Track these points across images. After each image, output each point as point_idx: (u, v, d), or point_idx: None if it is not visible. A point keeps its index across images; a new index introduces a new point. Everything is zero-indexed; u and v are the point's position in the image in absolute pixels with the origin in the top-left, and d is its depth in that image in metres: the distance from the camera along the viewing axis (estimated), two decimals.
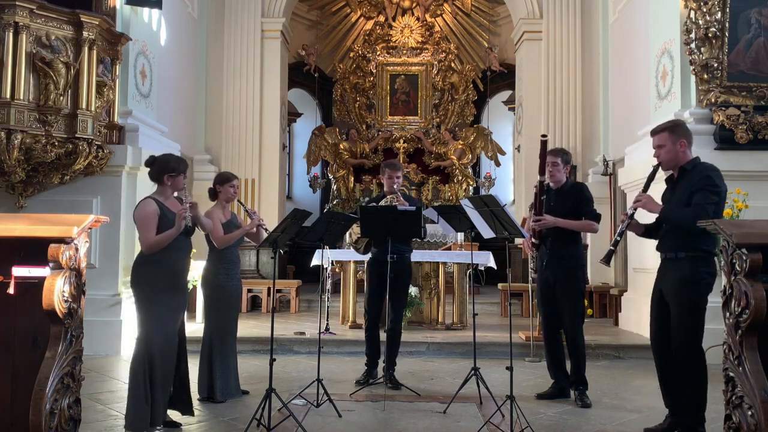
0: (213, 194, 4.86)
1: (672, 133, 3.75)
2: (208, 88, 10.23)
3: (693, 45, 6.46)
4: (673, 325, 3.64)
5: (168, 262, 3.84)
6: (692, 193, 3.59)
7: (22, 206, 6.23)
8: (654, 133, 3.85)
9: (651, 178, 3.82)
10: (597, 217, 4.68)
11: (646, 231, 3.94)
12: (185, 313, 4.10)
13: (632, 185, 7.50)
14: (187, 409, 4.05)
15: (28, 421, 2.63)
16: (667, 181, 3.89)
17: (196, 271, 6.92)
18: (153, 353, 3.72)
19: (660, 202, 3.80)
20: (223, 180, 4.85)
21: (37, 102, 5.74)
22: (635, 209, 3.77)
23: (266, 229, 4.77)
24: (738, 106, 6.39)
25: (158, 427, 3.77)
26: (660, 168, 3.84)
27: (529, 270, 5.05)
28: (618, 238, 3.86)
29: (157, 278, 3.80)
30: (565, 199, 4.72)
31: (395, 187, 5.23)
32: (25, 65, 5.62)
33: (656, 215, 3.77)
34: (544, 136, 4.86)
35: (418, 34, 13.80)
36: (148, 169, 4.04)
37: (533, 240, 4.80)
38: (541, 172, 4.74)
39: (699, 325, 3.62)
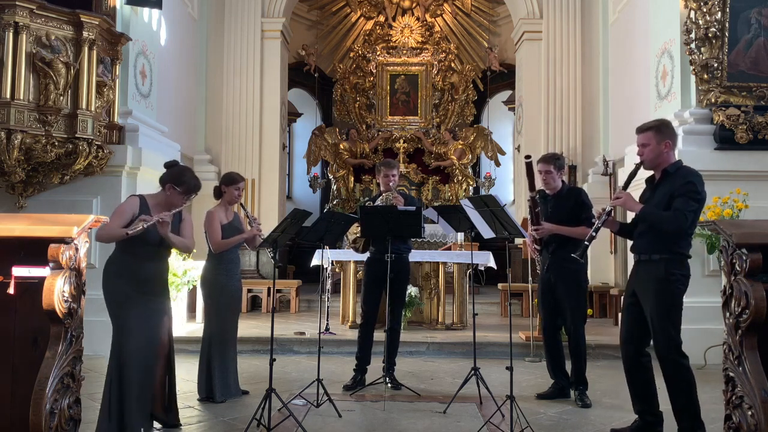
0: (217, 193, 4.81)
1: (657, 132, 3.66)
2: (208, 88, 10.23)
3: (693, 45, 6.46)
4: (654, 329, 3.58)
5: (132, 271, 3.65)
6: (672, 197, 3.52)
7: (22, 206, 6.22)
8: (640, 131, 3.76)
9: (632, 176, 3.74)
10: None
11: (622, 229, 3.89)
12: (170, 318, 3.88)
13: (631, 185, 7.49)
14: (173, 419, 3.90)
15: (28, 421, 2.63)
16: (648, 181, 3.81)
17: (196, 271, 6.93)
18: (123, 363, 3.58)
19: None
20: (229, 181, 4.78)
21: (37, 102, 5.74)
22: (614, 206, 3.71)
23: (262, 238, 4.62)
24: (738, 106, 6.40)
25: None
26: (642, 167, 3.75)
27: (537, 270, 5.07)
28: (594, 234, 3.77)
29: (121, 287, 3.64)
30: (563, 204, 4.74)
31: (391, 185, 5.19)
32: (25, 65, 5.62)
33: (633, 214, 3.71)
34: (527, 157, 4.83)
35: (418, 34, 13.80)
36: (164, 170, 3.87)
37: (536, 246, 4.84)
38: (531, 189, 4.79)
39: (678, 326, 3.56)
